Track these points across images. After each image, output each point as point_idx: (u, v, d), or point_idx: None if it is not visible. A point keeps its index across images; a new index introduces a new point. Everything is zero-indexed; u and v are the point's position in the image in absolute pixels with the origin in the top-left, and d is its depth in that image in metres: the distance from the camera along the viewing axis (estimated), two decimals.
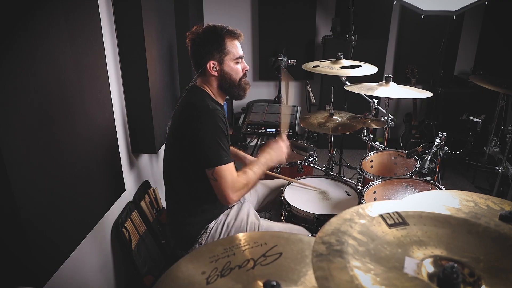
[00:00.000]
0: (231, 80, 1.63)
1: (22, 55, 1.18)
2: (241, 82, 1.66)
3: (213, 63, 1.59)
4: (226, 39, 1.58)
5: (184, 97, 1.69)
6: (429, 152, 1.77)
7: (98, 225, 1.75)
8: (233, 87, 1.65)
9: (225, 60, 1.59)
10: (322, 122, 2.44)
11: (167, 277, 0.79)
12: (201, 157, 1.52)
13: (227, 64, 1.60)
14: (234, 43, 1.61)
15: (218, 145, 1.51)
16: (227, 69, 1.61)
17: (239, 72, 1.64)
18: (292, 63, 3.45)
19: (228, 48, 1.59)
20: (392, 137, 3.52)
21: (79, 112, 1.52)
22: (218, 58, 1.59)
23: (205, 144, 1.49)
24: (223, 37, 1.57)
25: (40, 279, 1.28)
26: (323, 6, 4.12)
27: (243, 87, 1.68)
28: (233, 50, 1.60)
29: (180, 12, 2.81)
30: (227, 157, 1.53)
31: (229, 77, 1.62)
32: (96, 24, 1.65)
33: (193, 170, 1.60)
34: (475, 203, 1.08)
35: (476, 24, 4.13)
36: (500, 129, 3.07)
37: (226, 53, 1.59)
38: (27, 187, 1.20)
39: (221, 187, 1.51)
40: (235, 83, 1.64)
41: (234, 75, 1.63)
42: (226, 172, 1.51)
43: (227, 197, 1.52)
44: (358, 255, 0.65)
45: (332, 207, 1.89)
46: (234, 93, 1.68)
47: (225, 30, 1.58)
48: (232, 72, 1.62)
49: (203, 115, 1.52)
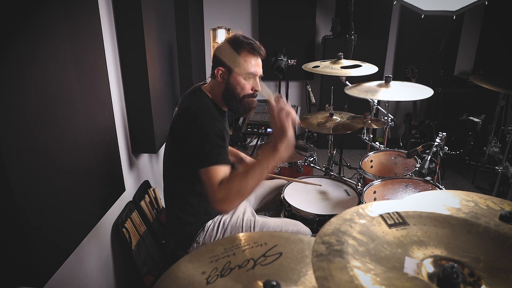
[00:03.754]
0: (234, 93, 1.58)
1: (22, 55, 1.18)
2: (244, 99, 1.60)
3: (221, 70, 1.57)
4: (243, 52, 1.55)
5: (186, 98, 1.68)
6: (429, 152, 1.77)
7: (98, 225, 1.75)
8: (234, 100, 1.60)
9: (234, 71, 1.56)
10: (322, 122, 2.44)
11: (167, 277, 0.79)
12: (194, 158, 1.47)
13: (234, 77, 1.56)
14: (250, 58, 1.56)
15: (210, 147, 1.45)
16: (232, 80, 1.57)
17: (245, 88, 1.58)
18: (292, 63, 3.45)
19: (240, 61, 1.55)
20: (392, 137, 3.53)
21: (79, 112, 1.52)
22: (228, 67, 1.56)
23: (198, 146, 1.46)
24: (240, 49, 1.54)
25: (40, 279, 1.28)
26: (323, 6, 4.12)
27: (245, 106, 1.61)
28: (245, 65, 1.55)
29: (180, 12, 2.81)
30: (220, 159, 1.43)
31: (233, 89, 1.58)
32: (96, 24, 1.65)
33: (188, 171, 1.58)
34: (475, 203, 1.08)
35: (476, 24, 4.13)
36: (500, 129, 3.07)
37: (237, 65, 1.55)
38: (27, 187, 1.20)
39: (208, 191, 1.40)
40: (237, 98, 1.59)
41: (239, 90, 1.58)
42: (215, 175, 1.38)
43: (215, 203, 1.36)
44: (358, 255, 0.65)
45: (332, 207, 1.89)
46: (233, 107, 1.62)
47: (246, 43, 1.55)
48: (237, 86, 1.57)
49: (199, 118, 1.50)
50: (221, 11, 4.06)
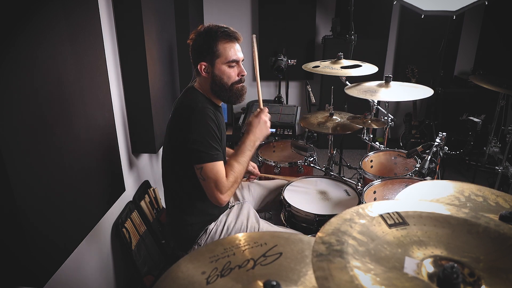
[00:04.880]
0: (221, 83, 1.57)
1: (22, 55, 1.18)
2: (233, 87, 1.59)
3: (204, 65, 1.56)
4: (220, 41, 1.53)
5: (180, 98, 1.69)
6: (429, 152, 1.76)
7: (98, 225, 1.75)
8: (223, 91, 1.59)
9: (216, 62, 1.55)
10: (322, 122, 2.44)
11: (167, 277, 0.79)
12: (190, 156, 1.50)
13: (218, 67, 1.55)
14: (229, 45, 1.54)
15: (206, 143, 1.48)
16: (217, 72, 1.56)
17: (231, 76, 1.58)
18: (292, 63, 3.45)
19: (220, 51, 1.53)
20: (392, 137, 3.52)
21: (79, 112, 1.52)
22: (209, 60, 1.55)
23: (194, 142, 1.48)
24: (216, 39, 1.52)
25: (40, 279, 1.28)
26: (323, 6, 4.12)
27: (236, 93, 1.61)
28: (226, 53, 1.54)
29: (180, 12, 2.81)
30: (216, 155, 1.49)
31: (220, 80, 1.57)
32: (96, 24, 1.65)
33: (185, 170, 1.59)
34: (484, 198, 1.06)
35: (476, 24, 4.13)
36: (500, 129, 3.07)
37: (217, 56, 1.54)
38: (27, 187, 1.20)
39: (208, 186, 1.49)
40: (226, 87, 1.58)
41: (226, 79, 1.57)
42: (213, 171, 1.48)
43: (216, 197, 1.50)
44: (358, 255, 0.65)
45: (332, 207, 1.89)
46: (225, 97, 1.62)
47: (220, 32, 1.53)
48: (223, 76, 1.57)
49: (192, 115, 1.51)
50: (221, 11, 4.06)
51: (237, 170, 1.54)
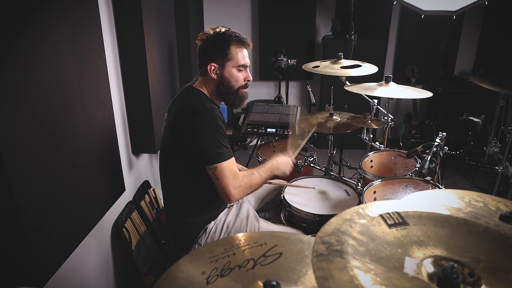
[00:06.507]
0: (229, 86, 1.62)
1: (22, 54, 1.18)
2: (239, 91, 1.65)
3: (214, 66, 1.59)
4: (232, 45, 1.58)
5: (179, 98, 1.68)
6: (429, 152, 1.77)
7: (98, 225, 1.75)
8: (229, 93, 1.64)
9: (227, 65, 1.59)
10: (322, 122, 2.44)
11: (167, 277, 0.79)
12: (201, 156, 1.52)
13: (228, 70, 1.60)
14: (240, 50, 1.60)
15: (218, 143, 1.51)
16: (227, 74, 1.60)
17: (239, 80, 1.63)
18: (292, 63, 3.45)
19: (232, 54, 1.58)
20: (392, 137, 3.52)
21: (79, 112, 1.52)
22: (220, 62, 1.59)
23: (205, 143, 1.49)
24: (229, 43, 1.58)
25: (40, 279, 1.28)
26: (323, 6, 4.12)
27: (240, 97, 1.66)
28: (237, 57, 1.59)
29: (180, 12, 2.81)
30: (227, 153, 1.53)
31: (228, 82, 1.62)
32: (96, 24, 1.65)
33: (189, 170, 1.60)
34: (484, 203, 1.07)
35: (476, 24, 4.13)
36: (500, 129, 3.07)
37: (229, 59, 1.59)
38: (27, 187, 1.20)
39: (222, 184, 1.52)
40: (232, 90, 1.63)
41: (233, 82, 1.62)
42: (227, 169, 1.52)
43: (229, 194, 1.53)
44: (358, 255, 0.65)
45: (332, 207, 1.88)
46: (230, 100, 1.66)
47: (233, 37, 1.59)
48: (232, 79, 1.61)
49: (201, 115, 1.52)
50: (221, 11, 4.06)
51: (254, 177, 1.60)
